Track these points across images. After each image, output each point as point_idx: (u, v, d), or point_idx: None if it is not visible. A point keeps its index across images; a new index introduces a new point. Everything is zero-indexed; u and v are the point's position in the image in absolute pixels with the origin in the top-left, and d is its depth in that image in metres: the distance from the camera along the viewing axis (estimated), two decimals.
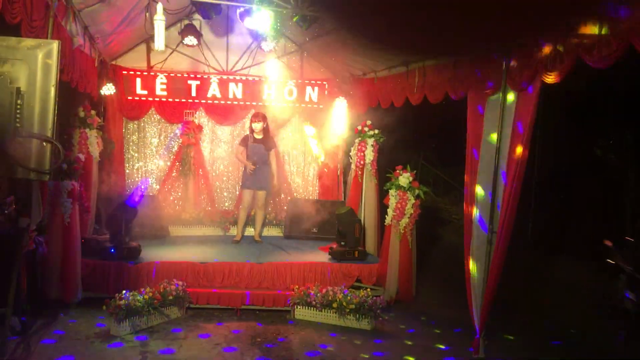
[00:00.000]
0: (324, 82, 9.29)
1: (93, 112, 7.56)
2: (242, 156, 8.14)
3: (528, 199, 11.96)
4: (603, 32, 3.61)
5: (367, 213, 8.27)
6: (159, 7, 4.84)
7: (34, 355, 4.88)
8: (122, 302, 5.62)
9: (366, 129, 8.21)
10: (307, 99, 9.27)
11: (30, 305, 5.62)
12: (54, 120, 2.35)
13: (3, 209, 5.71)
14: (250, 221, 8.60)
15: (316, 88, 9.26)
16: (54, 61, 2.29)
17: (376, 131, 8.18)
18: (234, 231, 8.62)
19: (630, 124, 10.36)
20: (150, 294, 5.92)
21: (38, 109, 2.28)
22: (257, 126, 8.02)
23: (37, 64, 2.25)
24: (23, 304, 5.37)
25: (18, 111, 2.22)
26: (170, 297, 6.10)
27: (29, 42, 2.29)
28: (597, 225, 11.00)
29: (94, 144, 7.51)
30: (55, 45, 2.28)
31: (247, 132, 8.33)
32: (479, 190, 5.26)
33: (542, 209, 11.84)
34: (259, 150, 8.05)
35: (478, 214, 5.24)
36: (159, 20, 4.92)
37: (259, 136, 8.08)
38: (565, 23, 3.99)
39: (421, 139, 13.12)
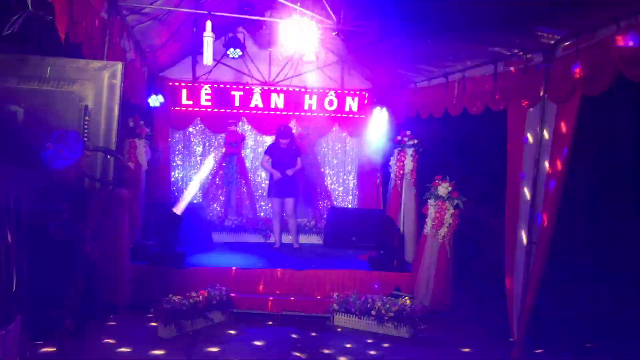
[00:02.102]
0: (364, 92, 9.43)
1: (142, 122, 7.87)
2: (268, 165, 8.34)
3: (577, 210, 11.77)
4: None
5: (406, 222, 8.34)
6: (208, 24, 5.08)
7: (86, 354, 5.14)
8: (169, 305, 5.87)
9: (406, 139, 8.29)
10: (347, 108, 9.43)
11: (83, 307, 5.93)
12: (117, 134, 2.56)
13: (59, 216, 6.05)
14: (286, 228, 8.78)
15: (356, 98, 9.42)
16: (118, 81, 2.50)
17: (415, 141, 8.25)
18: (274, 239, 8.83)
19: None
20: (196, 299, 6.15)
21: (103, 125, 2.50)
22: (284, 142, 8.23)
23: (103, 84, 2.47)
24: (77, 306, 5.67)
25: (86, 127, 2.44)
26: (214, 302, 6.31)
27: (95, 63, 2.51)
28: None
29: (143, 153, 7.82)
30: (119, 66, 2.49)
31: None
32: (520, 201, 5.28)
33: (592, 220, 11.63)
34: (285, 158, 8.24)
35: (518, 225, 5.27)
36: (208, 37, 5.16)
37: (284, 146, 8.28)
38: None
39: (465, 149, 13.06)
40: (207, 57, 5.26)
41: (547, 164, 4.86)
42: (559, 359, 5.71)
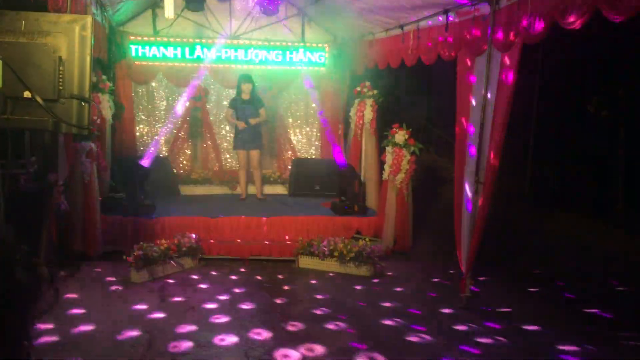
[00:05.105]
0: (325, 45, 9.59)
1: (104, 77, 7.92)
2: (232, 117, 8.54)
3: (525, 154, 12.44)
4: None
5: (367, 170, 8.70)
6: None
7: (63, 301, 5.40)
8: (141, 252, 6.14)
9: (365, 89, 8.57)
10: (308, 61, 9.58)
11: (57, 256, 6.16)
12: (90, 83, 2.78)
13: (27, 168, 6.20)
14: (252, 179, 9.06)
15: (317, 50, 9.58)
16: (88, 33, 2.70)
17: (375, 92, 8.54)
18: (240, 190, 9.10)
19: (622, 79, 10.78)
20: (166, 245, 6.43)
21: (77, 74, 2.70)
22: (247, 87, 8.40)
23: (74, 36, 2.66)
24: (50, 255, 5.89)
25: (60, 76, 2.64)
26: (184, 249, 6.62)
27: (66, 17, 2.69)
28: (592, 179, 11.54)
29: (107, 107, 7.90)
30: (89, 19, 2.68)
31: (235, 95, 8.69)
32: (468, 144, 5.67)
33: (539, 165, 12.34)
34: (248, 110, 8.44)
35: (467, 167, 5.67)
36: None
37: (246, 97, 8.46)
38: None
39: (424, 99, 13.48)
40: (169, 10, 5.38)
41: (492, 110, 5.23)
42: (499, 287, 6.27)
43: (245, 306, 5.42)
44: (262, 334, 4.72)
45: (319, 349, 4.45)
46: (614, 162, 11.35)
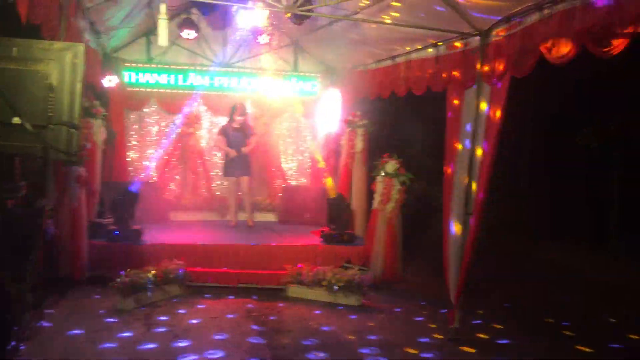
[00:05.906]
0: (317, 74, 9.71)
1: (97, 102, 7.92)
2: (223, 144, 8.55)
3: (516, 185, 12.53)
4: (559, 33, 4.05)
5: (356, 199, 8.72)
6: (163, 6, 5.24)
7: (47, 327, 5.31)
8: (128, 279, 6.08)
9: (356, 119, 8.64)
10: (300, 90, 9.69)
11: (42, 281, 6.08)
12: (80, 110, 2.79)
13: (16, 193, 6.16)
14: (242, 206, 9.04)
15: (309, 80, 9.69)
16: (80, 61, 2.72)
17: (365, 121, 8.62)
18: (230, 217, 9.07)
19: (613, 109, 10.96)
20: (153, 272, 6.37)
21: (67, 101, 2.71)
22: (239, 115, 8.45)
23: (66, 63, 2.68)
24: (36, 280, 5.81)
25: (51, 103, 2.66)
26: (172, 276, 6.55)
27: (59, 44, 2.71)
28: (586, 210, 11.62)
29: (98, 132, 7.87)
30: (81, 47, 2.71)
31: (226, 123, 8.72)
32: (457, 178, 5.69)
33: (531, 195, 12.43)
34: (240, 138, 8.48)
35: (455, 197, 5.68)
36: (163, 19, 5.32)
37: (237, 125, 8.50)
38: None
39: (417, 129, 13.58)
40: (163, 39, 5.42)
41: (481, 142, 5.28)
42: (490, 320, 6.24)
43: (233, 335, 5.35)
44: None
45: None
46: (608, 191, 11.49)
